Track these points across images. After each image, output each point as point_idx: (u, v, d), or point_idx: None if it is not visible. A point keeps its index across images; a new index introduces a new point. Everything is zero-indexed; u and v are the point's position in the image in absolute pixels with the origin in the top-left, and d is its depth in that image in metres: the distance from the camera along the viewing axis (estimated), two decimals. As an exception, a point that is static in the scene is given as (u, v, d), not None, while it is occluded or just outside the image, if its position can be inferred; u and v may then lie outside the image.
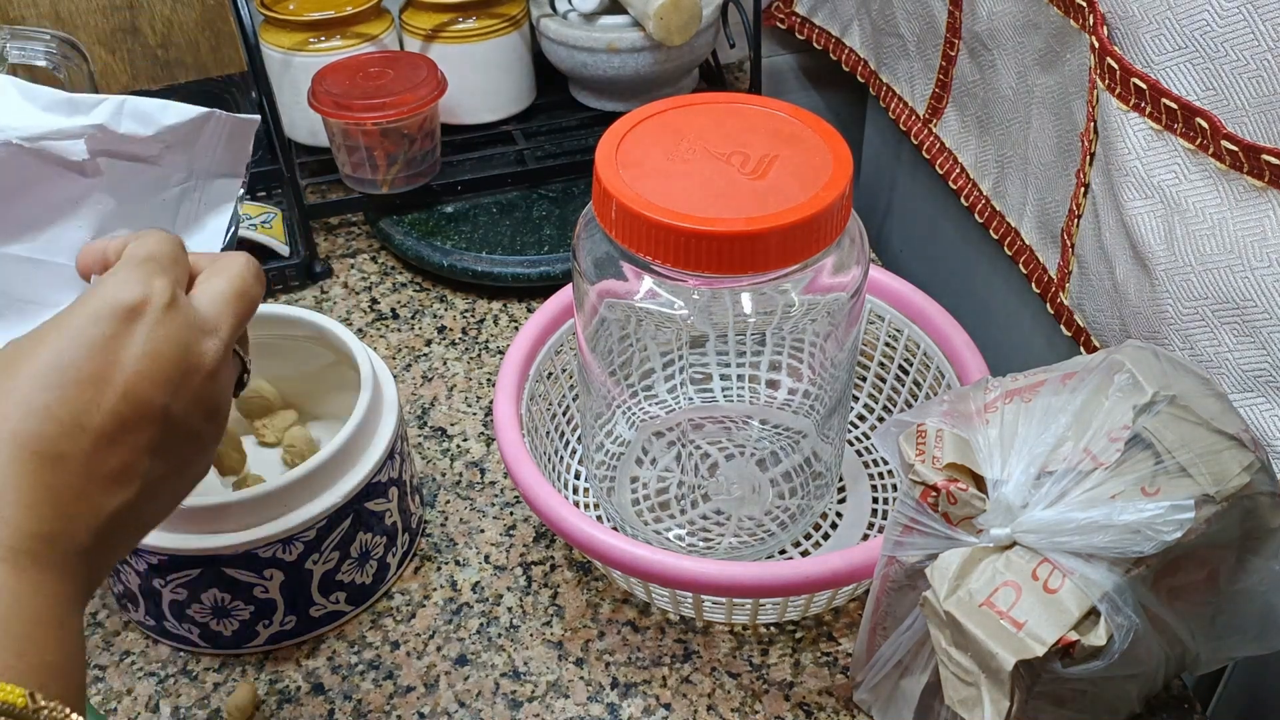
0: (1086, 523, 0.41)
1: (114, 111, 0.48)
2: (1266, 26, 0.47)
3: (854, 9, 0.93)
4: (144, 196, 0.50)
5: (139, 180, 0.50)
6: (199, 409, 0.40)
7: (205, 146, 0.51)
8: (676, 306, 0.54)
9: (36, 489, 0.35)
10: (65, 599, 0.35)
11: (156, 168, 0.50)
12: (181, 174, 0.51)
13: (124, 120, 0.48)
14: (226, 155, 0.52)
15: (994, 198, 0.77)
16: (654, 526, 0.65)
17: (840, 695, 0.58)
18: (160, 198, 0.51)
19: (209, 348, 0.40)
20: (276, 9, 0.87)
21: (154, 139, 0.49)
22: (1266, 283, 0.50)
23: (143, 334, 0.38)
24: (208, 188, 0.52)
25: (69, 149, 0.47)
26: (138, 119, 0.48)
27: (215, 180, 0.52)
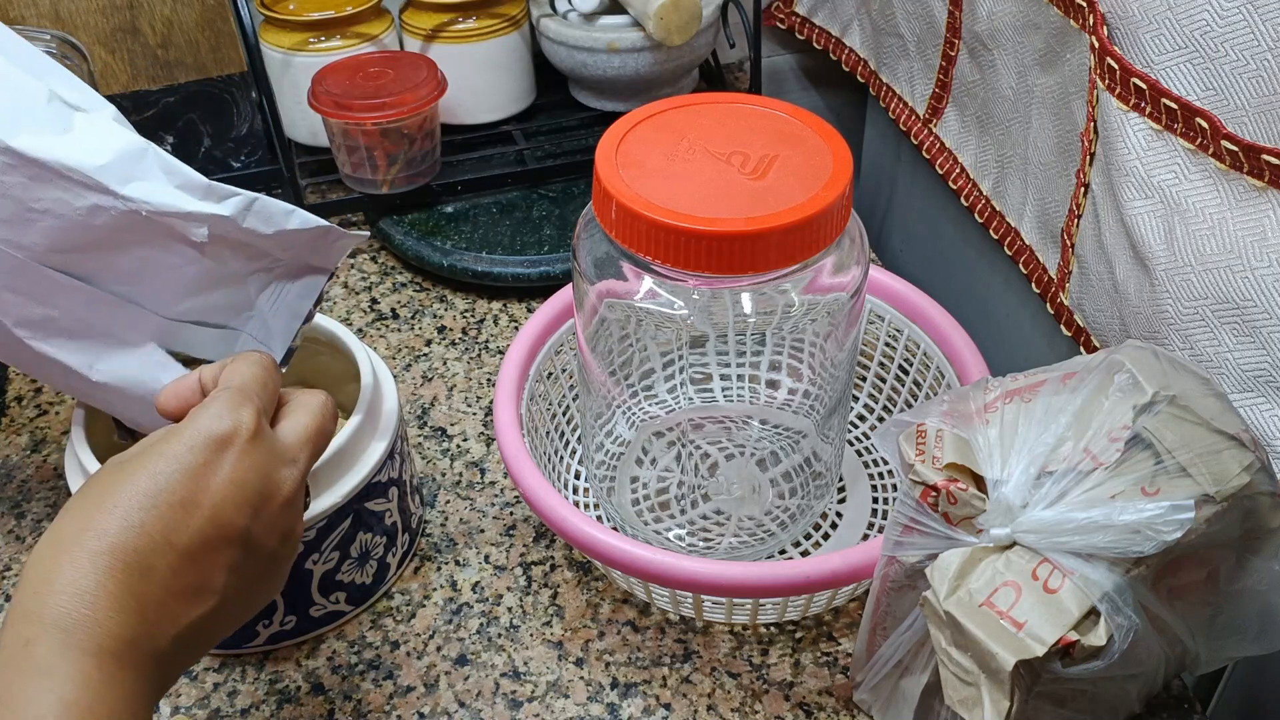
0: (1086, 523, 0.41)
1: (242, 208, 0.51)
2: (1266, 26, 0.47)
3: (854, 9, 0.93)
4: (241, 275, 0.53)
5: (240, 261, 0.53)
6: (275, 532, 0.44)
7: (311, 249, 0.54)
8: (676, 306, 0.54)
9: (126, 597, 0.39)
10: (141, 698, 0.39)
11: (260, 257, 0.53)
12: (282, 266, 0.54)
13: (250, 217, 0.51)
14: (323, 256, 0.55)
15: (994, 198, 0.77)
16: (654, 526, 0.65)
17: (840, 695, 0.58)
18: (254, 276, 0.54)
19: (287, 476, 0.45)
20: (276, 9, 0.87)
21: (271, 239, 0.52)
22: (1266, 283, 0.50)
23: (230, 462, 0.42)
24: (299, 277, 0.55)
25: (191, 230, 0.50)
26: (262, 219, 0.51)
27: (307, 274, 0.55)
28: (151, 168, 0.50)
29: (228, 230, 0.51)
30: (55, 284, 0.50)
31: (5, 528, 0.67)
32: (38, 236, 0.48)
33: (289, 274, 0.55)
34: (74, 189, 0.48)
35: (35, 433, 0.73)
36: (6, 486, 0.70)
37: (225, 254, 0.52)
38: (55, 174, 0.47)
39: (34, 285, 0.50)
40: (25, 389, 0.77)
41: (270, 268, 0.54)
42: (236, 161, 0.94)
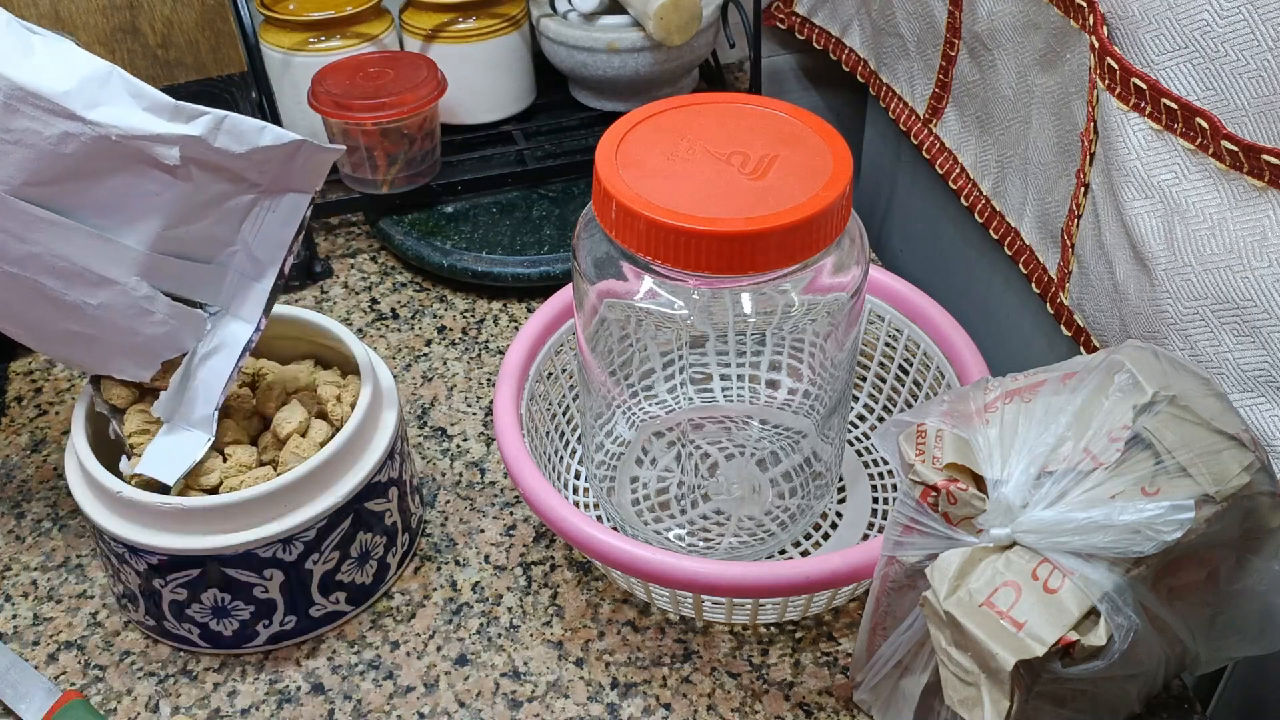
0: (1086, 523, 0.41)
1: (212, 126, 0.50)
2: (1266, 26, 0.47)
3: (854, 9, 0.93)
4: (218, 200, 0.53)
5: (217, 185, 0.52)
6: None
7: (287, 168, 0.53)
8: (676, 306, 0.54)
9: None
10: None
11: (237, 181, 0.52)
12: (261, 189, 0.53)
13: (220, 136, 0.50)
14: (303, 176, 0.54)
15: (994, 198, 0.77)
16: (654, 526, 0.65)
17: (840, 695, 0.58)
18: (233, 202, 0.53)
19: None
20: (276, 9, 0.87)
21: (243, 157, 0.51)
22: (1266, 283, 0.50)
23: None
24: (278, 200, 0.54)
25: (162, 153, 0.49)
26: (234, 137, 0.50)
27: (286, 194, 0.54)
28: (117, 91, 0.49)
29: (200, 151, 0.50)
30: (34, 218, 0.49)
31: (5, 528, 0.67)
32: (12, 169, 0.48)
33: (269, 197, 0.54)
34: (42, 117, 0.47)
35: (35, 433, 0.73)
36: (6, 486, 0.70)
37: (200, 177, 0.51)
38: (22, 100, 0.47)
39: (13, 221, 0.49)
40: (25, 389, 0.77)
41: (248, 192, 0.53)
42: (236, 161, 0.93)
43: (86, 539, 0.66)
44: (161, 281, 0.53)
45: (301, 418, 0.59)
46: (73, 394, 0.76)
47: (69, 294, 0.52)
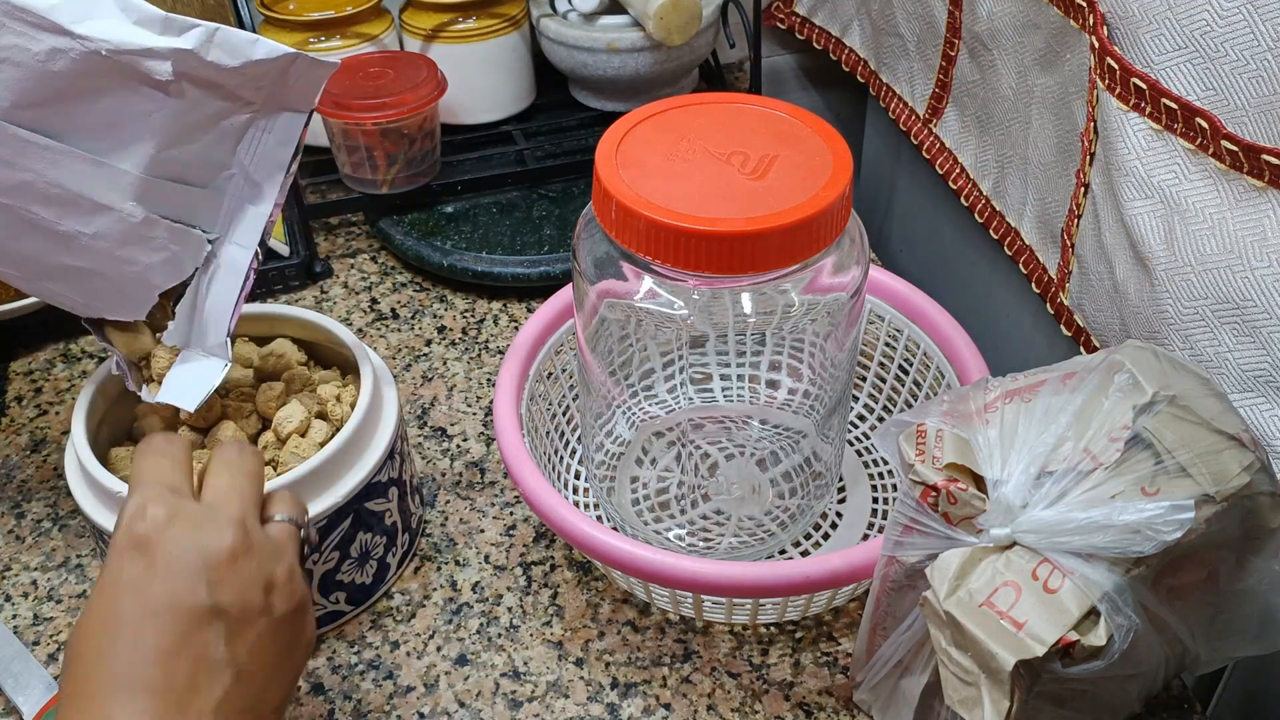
0: (1086, 523, 0.41)
1: (204, 39, 0.48)
2: (1266, 26, 0.47)
3: (854, 9, 0.93)
4: (213, 120, 0.51)
5: (211, 104, 0.51)
6: (249, 589, 0.43)
7: (281, 85, 0.52)
8: (676, 306, 0.54)
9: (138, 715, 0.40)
10: None
11: (232, 99, 0.51)
12: (256, 108, 0.52)
13: (213, 49, 0.49)
14: (297, 93, 0.53)
15: (994, 198, 0.77)
16: (654, 526, 0.65)
17: (840, 695, 0.58)
18: (228, 122, 0.52)
19: (224, 537, 0.43)
20: (276, 9, 0.87)
21: (237, 72, 0.50)
22: (1266, 283, 0.50)
23: (159, 557, 0.42)
24: (274, 120, 0.53)
25: (154, 68, 0.48)
26: (226, 50, 0.49)
27: (281, 114, 0.53)
28: (106, 4, 0.48)
29: (192, 66, 0.49)
30: (25, 143, 0.48)
31: (5, 528, 0.67)
32: (1, 91, 0.47)
33: (265, 115, 0.53)
34: (29, 32, 0.46)
35: (35, 433, 0.73)
36: (6, 486, 0.70)
37: (194, 94, 0.50)
38: (9, 15, 0.46)
39: (4, 147, 0.48)
40: (25, 389, 0.77)
41: (243, 110, 0.52)
42: (236, 161, 0.93)
43: (86, 539, 0.66)
44: (158, 207, 0.52)
45: (302, 418, 0.59)
46: (72, 394, 0.76)
47: (63, 223, 0.51)
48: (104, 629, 0.41)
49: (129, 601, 0.41)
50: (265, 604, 0.43)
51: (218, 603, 0.42)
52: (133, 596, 0.41)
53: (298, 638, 0.45)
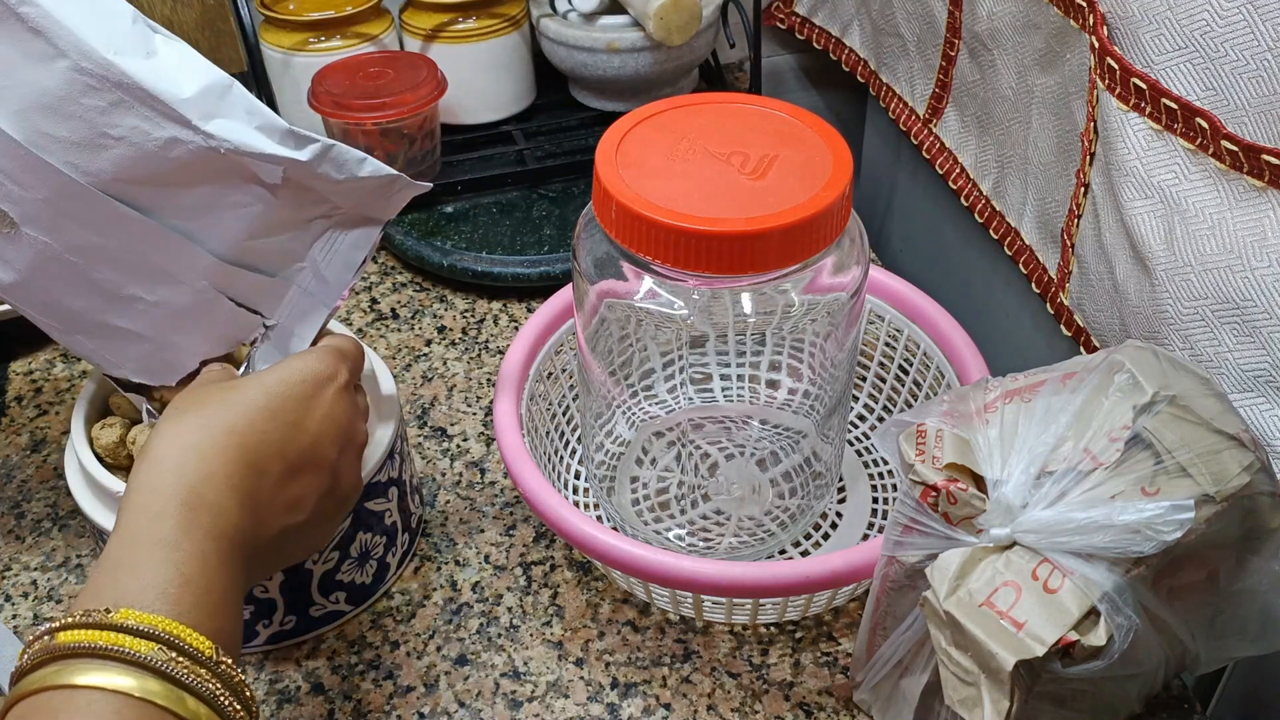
0: (1086, 523, 0.41)
1: (319, 154, 0.50)
2: (1266, 26, 0.47)
3: (854, 9, 0.93)
4: (301, 221, 0.53)
5: (307, 208, 0.52)
6: (352, 473, 0.51)
7: (373, 199, 0.54)
8: (676, 306, 0.54)
9: (244, 491, 0.44)
10: (240, 585, 0.44)
11: (322, 204, 0.53)
12: (341, 214, 0.54)
13: (324, 164, 0.50)
14: (384, 206, 0.54)
15: (994, 198, 0.77)
16: (654, 526, 0.65)
17: (840, 695, 0.58)
18: (313, 223, 0.53)
19: (363, 430, 0.53)
20: (276, 9, 0.87)
21: (340, 184, 0.51)
22: (1266, 283, 0.50)
23: (329, 399, 0.49)
24: (353, 227, 0.55)
25: (267, 171, 0.49)
26: (336, 165, 0.51)
27: (360, 226, 0.55)
28: (235, 105, 0.48)
29: (301, 175, 0.50)
30: (115, 214, 0.49)
31: (5, 528, 0.67)
32: (106, 164, 0.47)
33: (346, 223, 0.54)
34: (155, 119, 0.46)
35: (35, 433, 0.73)
36: (6, 486, 0.70)
37: (293, 198, 0.51)
38: (139, 100, 0.46)
39: (93, 213, 0.48)
40: (25, 389, 0.77)
41: (329, 214, 0.53)
42: (236, 161, 0.93)
43: (86, 539, 0.66)
44: (227, 288, 0.53)
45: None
46: (73, 394, 0.76)
47: (127, 288, 0.52)
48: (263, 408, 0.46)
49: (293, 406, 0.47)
50: (348, 493, 0.51)
51: (337, 466, 0.49)
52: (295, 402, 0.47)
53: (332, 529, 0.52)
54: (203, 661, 0.39)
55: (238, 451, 0.45)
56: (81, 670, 0.38)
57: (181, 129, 0.47)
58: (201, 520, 0.43)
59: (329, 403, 0.49)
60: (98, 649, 0.38)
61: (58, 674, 0.38)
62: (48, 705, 0.38)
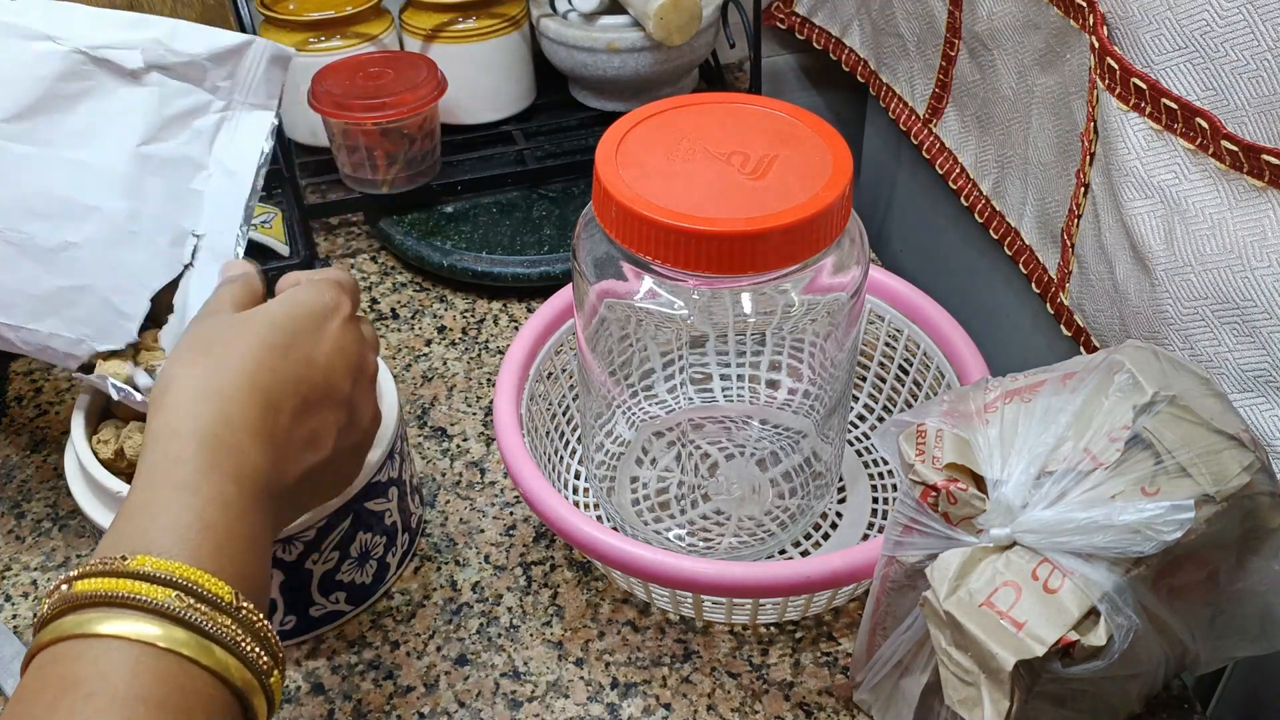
0: (1086, 523, 0.41)
1: (170, 29, 0.55)
2: (1266, 26, 0.47)
3: (854, 9, 0.93)
4: (187, 118, 0.56)
5: (185, 101, 0.55)
6: (369, 404, 0.51)
7: (245, 74, 0.56)
8: (676, 306, 0.54)
9: (262, 430, 0.44)
10: (266, 531, 0.43)
11: (200, 91, 0.55)
12: (222, 101, 0.56)
13: (178, 37, 0.54)
14: (262, 87, 0.57)
15: (994, 198, 0.77)
16: (654, 526, 0.65)
17: (840, 695, 0.58)
18: (202, 121, 0.56)
19: (373, 360, 0.52)
20: (276, 9, 0.87)
21: (203, 59, 0.55)
22: (1266, 283, 0.50)
23: (335, 330, 0.48)
24: (244, 119, 0.57)
25: (125, 57, 0.53)
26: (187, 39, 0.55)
27: (251, 112, 0.57)
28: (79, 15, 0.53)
29: (159, 55, 0.54)
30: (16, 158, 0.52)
31: (5, 528, 0.67)
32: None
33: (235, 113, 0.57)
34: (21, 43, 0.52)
35: (35, 433, 0.73)
36: (6, 486, 0.70)
37: (164, 86, 0.54)
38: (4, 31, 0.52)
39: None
40: (25, 389, 0.77)
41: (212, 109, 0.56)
42: (236, 161, 0.93)
43: (86, 539, 0.66)
44: (143, 203, 0.55)
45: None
46: (73, 394, 0.76)
47: (54, 236, 0.53)
48: (274, 343, 0.46)
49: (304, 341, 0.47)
50: (366, 427, 0.51)
51: (352, 398, 0.48)
52: (304, 336, 0.47)
53: (358, 465, 0.52)
54: (222, 607, 0.38)
55: (251, 392, 0.44)
56: (101, 619, 0.37)
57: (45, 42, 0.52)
58: (221, 463, 0.42)
59: (336, 335, 0.48)
60: (115, 597, 0.37)
61: (77, 623, 0.37)
62: (67, 654, 0.37)
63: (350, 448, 0.50)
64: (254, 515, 0.42)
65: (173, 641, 0.37)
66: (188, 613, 0.38)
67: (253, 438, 0.43)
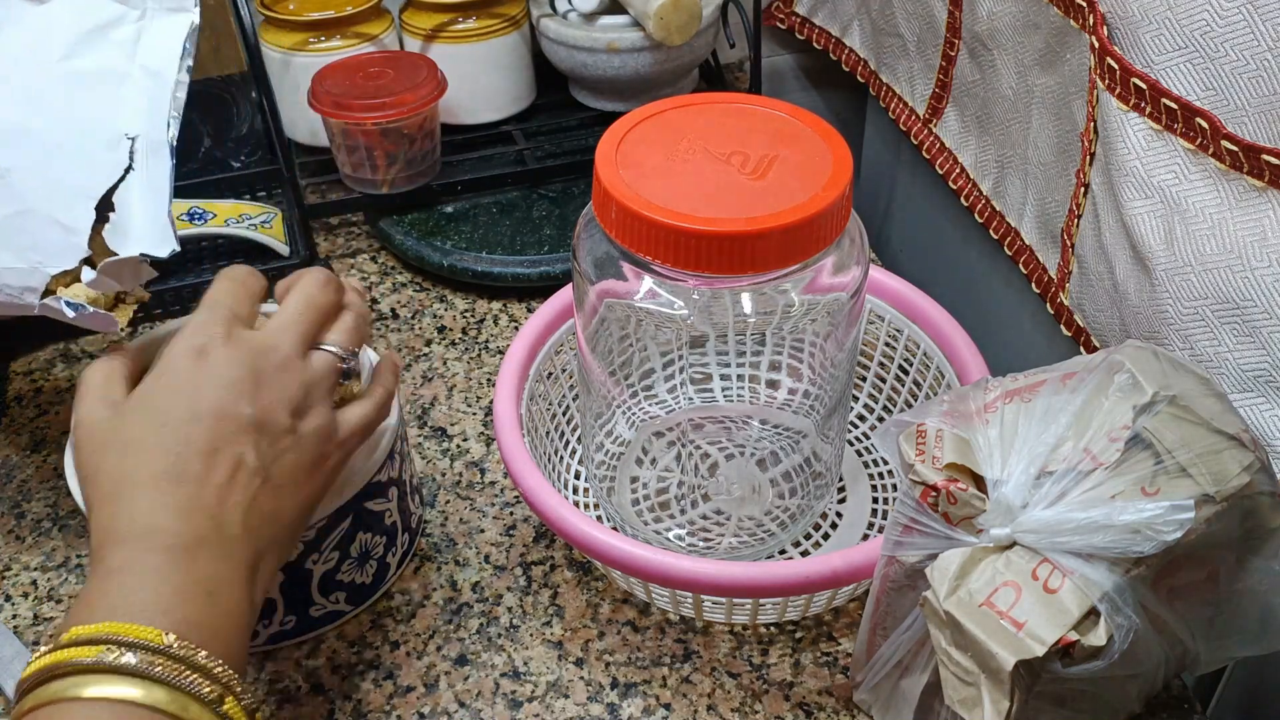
0: (1086, 523, 0.41)
1: None
2: (1266, 26, 0.47)
3: (854, 9, 0.93)
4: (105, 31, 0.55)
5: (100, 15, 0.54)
6: (282, 408, 0.48)
7: None
8: (676, 306, 0.54)
9: (173, 505, 0.45)
10: (220, 576, 0.45)
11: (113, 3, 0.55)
12: (137, 10, 0.55)
13: None
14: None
15: (994, 198, 0.77)
16: (654, 526, 0.65)
17: (840, 695, 0.58)
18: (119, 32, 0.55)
19: (272, 360, 0.49)
20: (276, 9, 0.87)
21: None
22: (1266, 283, 0.50)
23: (211, 366, 0.48)
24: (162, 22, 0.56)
25: None
26: None
27: (169, 15, 0.56)
28: None
29: None
30: None
31: (5, 528, 0.67)
32: None
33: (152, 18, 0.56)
34: None
35: (35, 433, 0.73)
36: (6, 486, 0.70)
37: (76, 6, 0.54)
38: None
39: None
40: (25, 389, 0.77)
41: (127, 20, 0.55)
42: (236, 161, 0.93)
43: (86, 539, 0.66)
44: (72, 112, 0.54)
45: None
46: (72, 394, 0.76)
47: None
48: (153, 425, 0.46)
49: (179, 403, 0.47)
50: (292, 424, 0.49)
51: (255, 415, 0.47)
52: (183, 398, 0.47)
53: (321, 461, 0.50)
54: (152, 649, 0.41)
55: (149, 478, 0.45)
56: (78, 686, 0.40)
57: None
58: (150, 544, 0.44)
59: (212, 369, 0.47)
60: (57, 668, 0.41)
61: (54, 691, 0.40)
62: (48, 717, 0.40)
63: (288, 461, 0.48)
64: (187, 570, 0.44)
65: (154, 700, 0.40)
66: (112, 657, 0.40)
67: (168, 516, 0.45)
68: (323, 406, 0.51)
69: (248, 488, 0.46)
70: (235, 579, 0.45)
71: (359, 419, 0.53)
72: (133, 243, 0.55)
